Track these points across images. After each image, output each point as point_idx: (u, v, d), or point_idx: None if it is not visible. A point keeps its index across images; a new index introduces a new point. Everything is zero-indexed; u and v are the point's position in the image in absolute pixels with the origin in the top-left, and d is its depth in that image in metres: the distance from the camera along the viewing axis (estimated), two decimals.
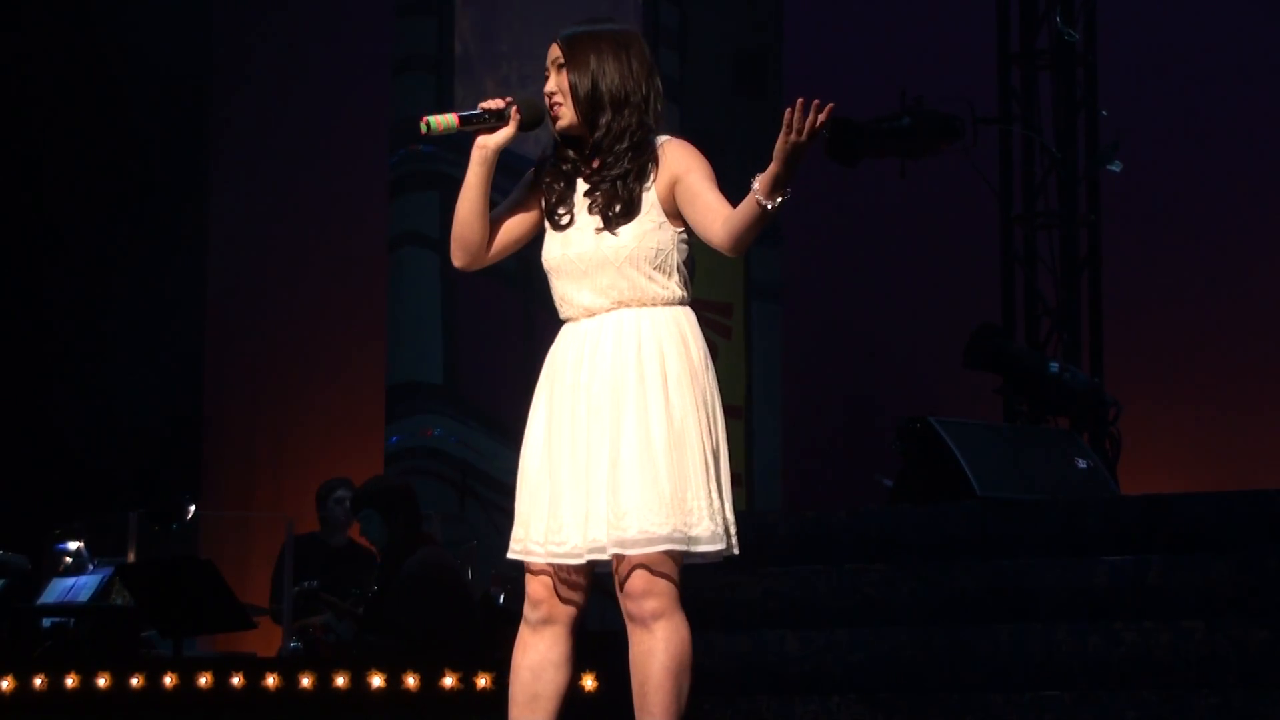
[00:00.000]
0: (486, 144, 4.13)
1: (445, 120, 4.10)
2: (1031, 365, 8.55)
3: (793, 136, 3.86)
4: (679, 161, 4.11)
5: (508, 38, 11.45)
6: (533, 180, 4.22)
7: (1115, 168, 9.09)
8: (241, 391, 11.77)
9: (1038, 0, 9.33)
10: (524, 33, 11.23)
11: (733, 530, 4.08)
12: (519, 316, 11.11)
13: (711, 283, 11.89)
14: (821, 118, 3.85)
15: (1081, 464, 7.43)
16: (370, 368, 11.50)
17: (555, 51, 4.14)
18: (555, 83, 4.13)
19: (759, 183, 3.92)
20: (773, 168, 3.91)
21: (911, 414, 7.28)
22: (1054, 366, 8.51)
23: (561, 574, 4.11)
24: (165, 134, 11.23)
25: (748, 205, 3.95)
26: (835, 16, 11.79)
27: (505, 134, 4.14)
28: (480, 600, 8.22)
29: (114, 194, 11.05)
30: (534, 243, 4.27)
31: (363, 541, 8.57)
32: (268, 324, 11.76)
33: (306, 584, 8.38)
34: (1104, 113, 9.22)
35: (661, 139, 4.15)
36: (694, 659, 4.05)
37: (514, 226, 4.22)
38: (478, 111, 4.12)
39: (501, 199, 4.26)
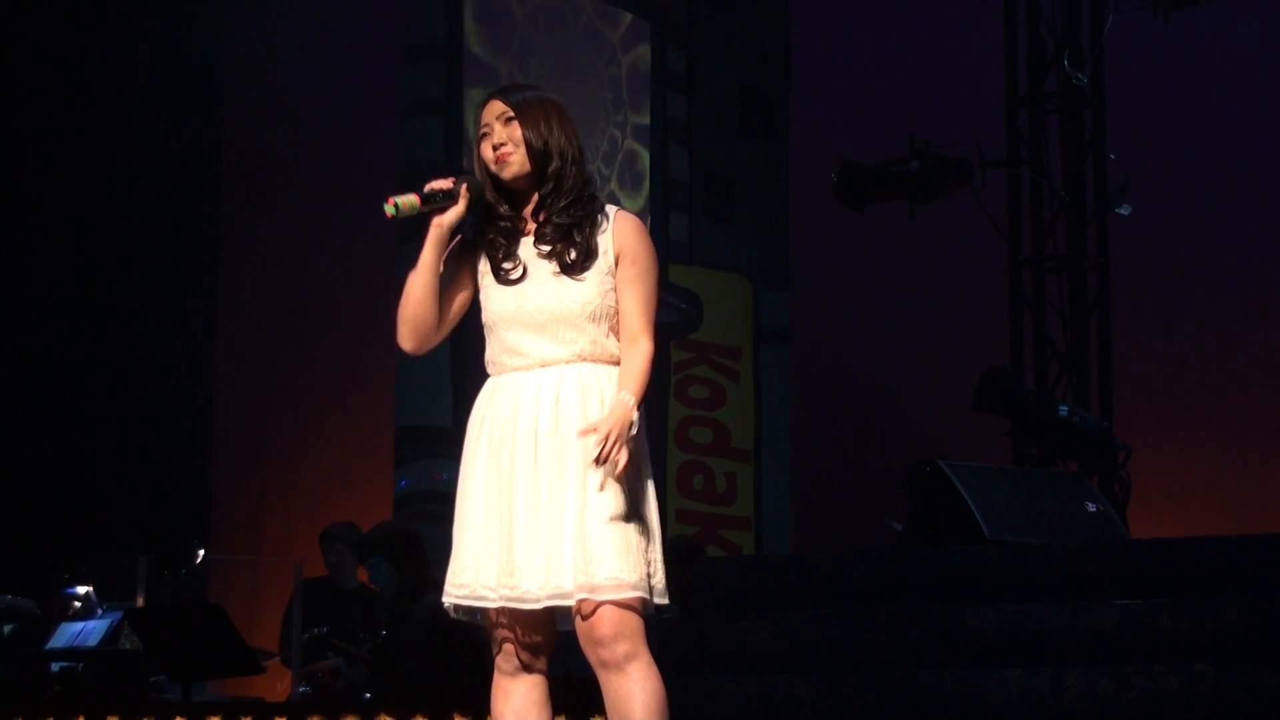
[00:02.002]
0: (442, 223, 4.16)
1: (409, 200, 4.12)
2: (1041, 408, 8.54)
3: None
4: (630, 244, 4.18)
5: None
6: (459, 252, 4.24)
7: (1124, 210, 9.10)
8: (251, 435, 11.76)
9: (1046, 44, 9.35)
10: (533, 78, 11.25)
11: None
12: None
13: (720, 326, 11.91)
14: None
15: (1091, 507, 7.40)
16: (379, 411, 11.50)
17: (500, 107, 4.18)
18: (504, 134, 4.17)
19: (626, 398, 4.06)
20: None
21: (920, 457, 7.27)
22: (1063, 410, 8.51)
23: (528, 619, 4.15)
24: (175, 178, 11.24)
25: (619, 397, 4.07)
26: (843, 60, 11.83)
27: (456, 212, 4.16)
28: (489, 645, 8.19)
29: (123, 237, 11.06)
30: None
31: (373, 585, 8.57)
32: (277, 367, 11.77)
33: (316, 631, 8.36)
34: (1112, 156, 9.24)
35: (611, 208, 4.22)
36: (670, 701, 4.08)
37: (457, 301, 4.25)
38: (433, 191, 4.15)
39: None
